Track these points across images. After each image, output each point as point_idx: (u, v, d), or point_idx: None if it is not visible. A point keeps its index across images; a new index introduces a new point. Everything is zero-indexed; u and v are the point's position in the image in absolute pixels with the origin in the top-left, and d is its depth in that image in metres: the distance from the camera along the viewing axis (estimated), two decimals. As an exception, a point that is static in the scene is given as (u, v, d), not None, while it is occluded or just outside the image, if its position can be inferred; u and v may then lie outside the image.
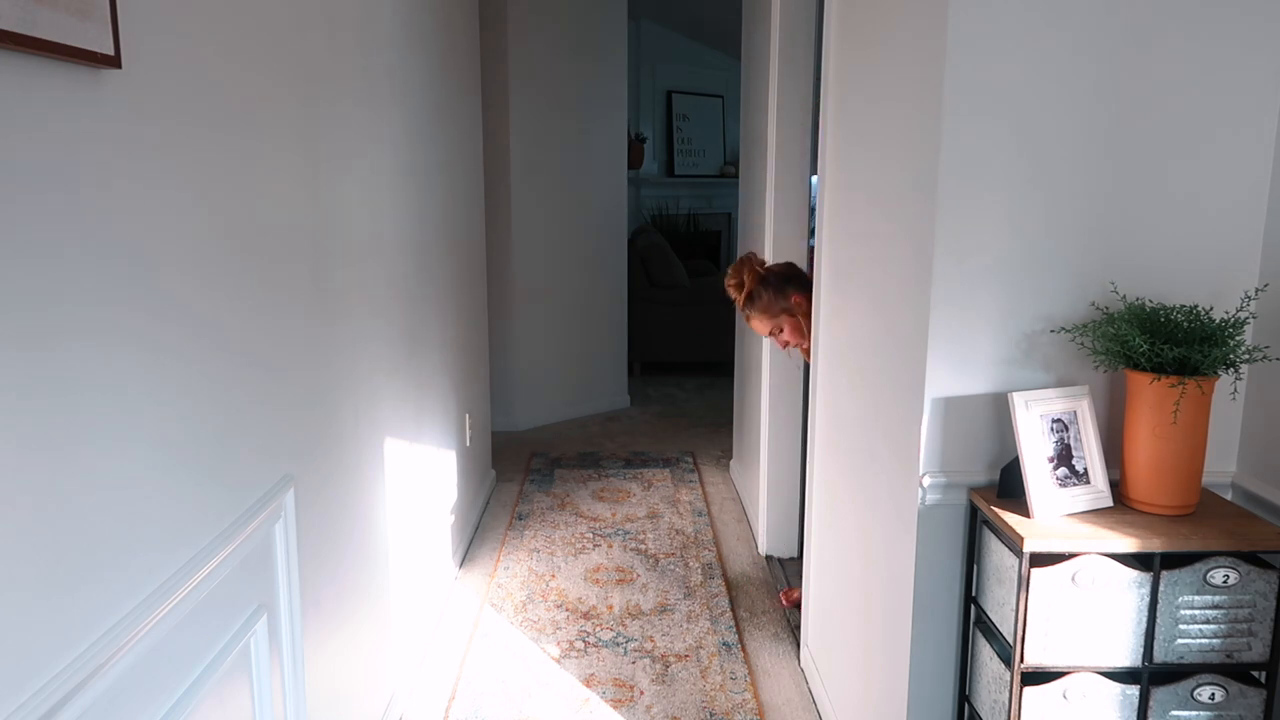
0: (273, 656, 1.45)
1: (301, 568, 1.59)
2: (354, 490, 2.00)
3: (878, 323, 1.92)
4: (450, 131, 3.19)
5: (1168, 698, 1.42)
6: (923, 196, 1.61)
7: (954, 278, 1.57)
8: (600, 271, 5.32)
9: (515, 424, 5.01)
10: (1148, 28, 1.51)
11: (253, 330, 1.40)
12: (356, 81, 2.02)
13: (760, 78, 3.43)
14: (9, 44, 0.80)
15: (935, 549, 1.66)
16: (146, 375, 1.07)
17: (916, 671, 1.71)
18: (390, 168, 2.33)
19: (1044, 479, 1.49)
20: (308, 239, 1.66)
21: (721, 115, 7.88)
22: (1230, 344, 1.43)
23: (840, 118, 2.25)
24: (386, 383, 2.28)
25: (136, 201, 1.05)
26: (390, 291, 2.32)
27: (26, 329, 0.86)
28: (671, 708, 2.43)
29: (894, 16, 1.80)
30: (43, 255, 0.88)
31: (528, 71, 4.75)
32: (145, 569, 1.07)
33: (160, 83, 1.10)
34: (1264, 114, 1.54)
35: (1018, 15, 1.49)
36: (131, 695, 1.03)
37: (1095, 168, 1.54)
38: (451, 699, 2.48)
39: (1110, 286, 1.57)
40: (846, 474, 2.19)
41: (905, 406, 1.71)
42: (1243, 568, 1.39)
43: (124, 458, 1.02)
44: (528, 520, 3.76)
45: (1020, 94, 1.52)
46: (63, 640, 0.91)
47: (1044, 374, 1.60)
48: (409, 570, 2.55)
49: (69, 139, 0.93)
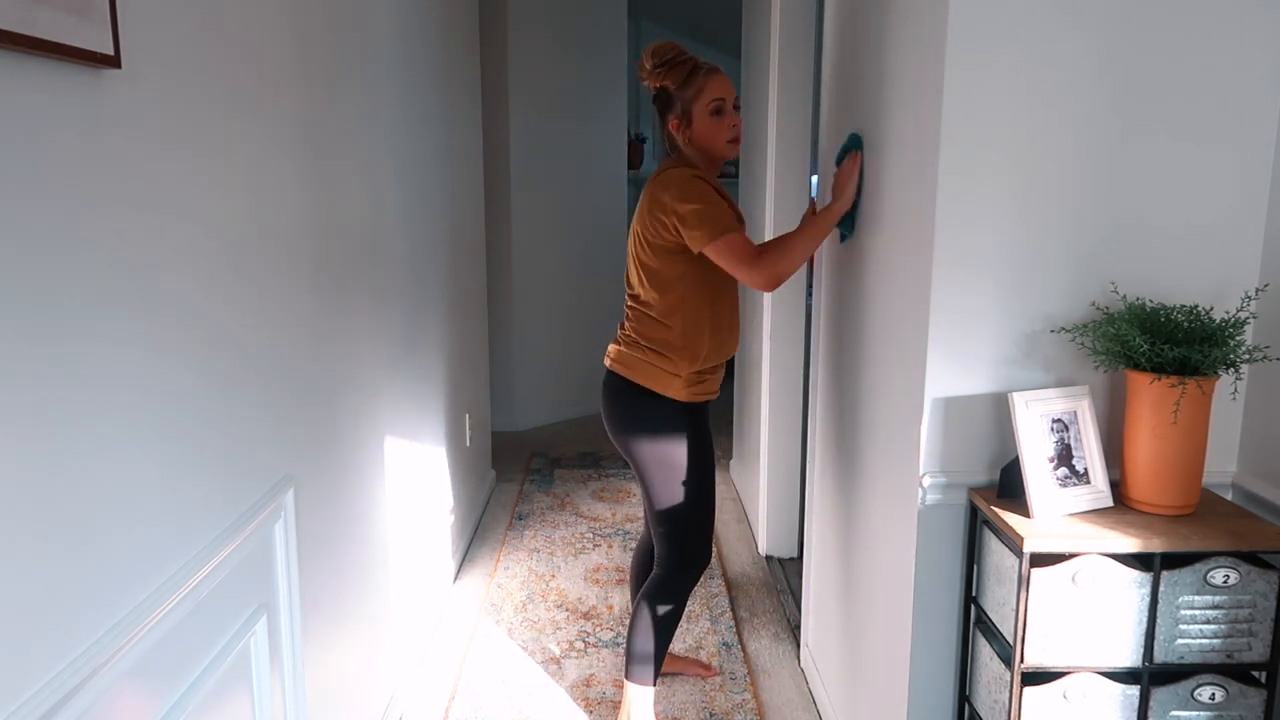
0: (272, 656, 1.45)
1: (301, 568, 1.59)
2: (354, 490, 2.00)
3: (878, 322, 1.92)
4: (450, 131, 3.20)
5: (1168, 698, 1.42)
6: (923, 196, 1.61)
7: (954, 277, 1.57)
8: (600, 271, 5.32)
9: (515, 424, 5.01)
10: (1148, 27, 1.50)
11: (253, 330, 1.40)
12: (357, 81, 2.02)
13: (760, 78, 3.43)
14: (9, 44, 0.80)
15: (935, 549, 1.66)
16: (146, 375, 1.07)
17: (916, 671, 1.71)
18: (390, 167, 2.33)
19: (1044, 479, 1.49)
20: (308, 238, 1.66)
21: (721, 115, 7.87)
22: (1230, 344, 1.43)
23: (840, 118, 2.25)
24: (387, 382, 2.28)
25: (137, 201, 1.05)
26: (390, 291, 2.32)
27: (26, 328, 0.86)
28: (671, 708, 2.43)
29: (894, 15, 1.80)
30: (43, 255, 0.88)
31: (528, 71, 4.75)
32: (145, 569, 1.07)
33: (160, 83, 1.10)
34: (1264, 114, 1.54)
35: (1018, 14, 1.49)
36: (131, 695, 1.03)
37: (1095, 167, 1.54)
38: (451, 699, 2.48)
39: (1110, 286, 1.57)
40: (847, 474, 2.19)
41: (905, 406, 1.71)
42: (1243, 568, 1.39)
43: (124, 458, 1.02)
44: (528, 520, 3.76)
45: (1020, 93, 1.52)
46: (63, 640, 0.91)
47: (1044, 374, 1.60)
48: (409, 570, 2.55)
49: (69, 139, 0.93)
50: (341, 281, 1.89)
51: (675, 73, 2.08)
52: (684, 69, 2.09)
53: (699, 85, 2.07)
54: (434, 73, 2.91)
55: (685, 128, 2.09)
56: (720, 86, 2.08)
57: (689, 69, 2.08)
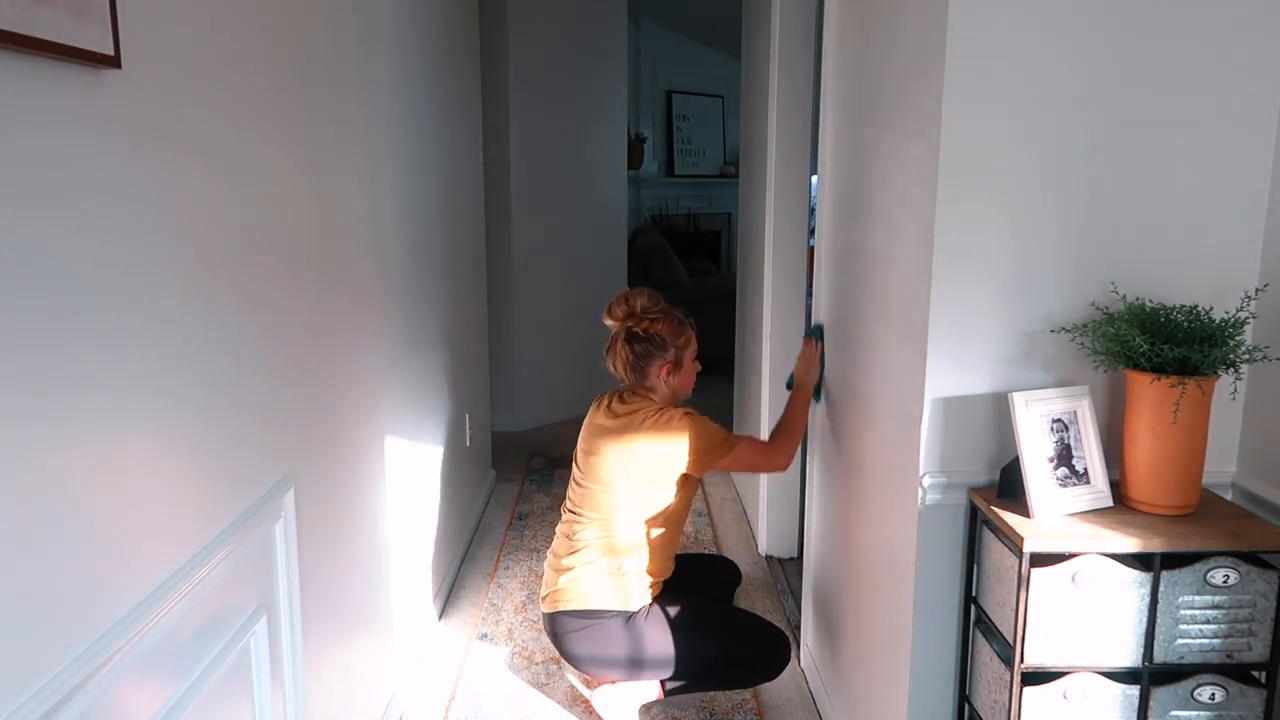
0: (273, 656, 1.45)
1: (301, 568, 1.59)
2: (354, 490, 2.00)
3: (878, 322, 1.92)
4: (451, 131, 3.20)
5: (1168, 698, 1.42)
6: (923, 196, 1.61)
7: (954, 278, 1.57)
8: (600, 271, 5.32)
9: (515, 424, 5.01)
10: (1148, 27, 1.50)
11: (253, 330, 1.40)
12: (357, 81, 2.02)
13: (760, 78, 3.43)
14: (9, 44, 0.80)
15: (935, 549, 1.66)
16: (146, 375, 1.07)
17: (916, 671, 1.71)
18: (391, 167, 2.33)
19: (1044, 479, 1.49)
20: (308, 238, 1.66)
21: (721, 115, 7.88)
22: (1230, 344, 1.43)
23: (840, 118, 2.25)
24: (387, 383, 2.28)
25: (136, 202, 1.05)
26: (390, 291, 2.32)
27: (26, 330, 0.86)
28: (671, 708, 2.43)
29: (894, 16, 1.80)
30: (43, 255, 0.88)
31: (528, 71, 4.75)
32: (145, 569, 1.07)
33: (160, 83, 1.10)
34: (1264, 114, 1.54)
35: (1018, 15, 1.49)
36: (131, 695, 1.03)
37: (1095, 167, 1.54)
38: (451, 699, 2.48)
39: (1110, 286, 1.57)
40: (847, 474, 2.19)
41: (905, 406, 1.71)
42: (1243, 568, 1.39)
43: (124, 459, 1.02)
44: (528, 520, 3.75)
45: (1020, 93, 1.52)
46: (63, 640, 0.91)
47: (1044, 374, 1.60)
48: (409, 570, 2.55)
49: (69, 139, 0.93)
50: (342, 281, 1.89)
51: (669, 322, 2.26)
52: (674, 319, 2.28)
53: (688, 336, 2.30)
54: (434, 72, 2.91)
55: (674, 372, 2.28)
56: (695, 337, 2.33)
57: (678, 319, 2.29)
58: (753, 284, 3.69)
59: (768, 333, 3.31)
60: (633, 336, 2.25)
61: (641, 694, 2.29)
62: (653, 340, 2.24)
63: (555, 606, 2.23)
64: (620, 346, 2.27)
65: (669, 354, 2.26)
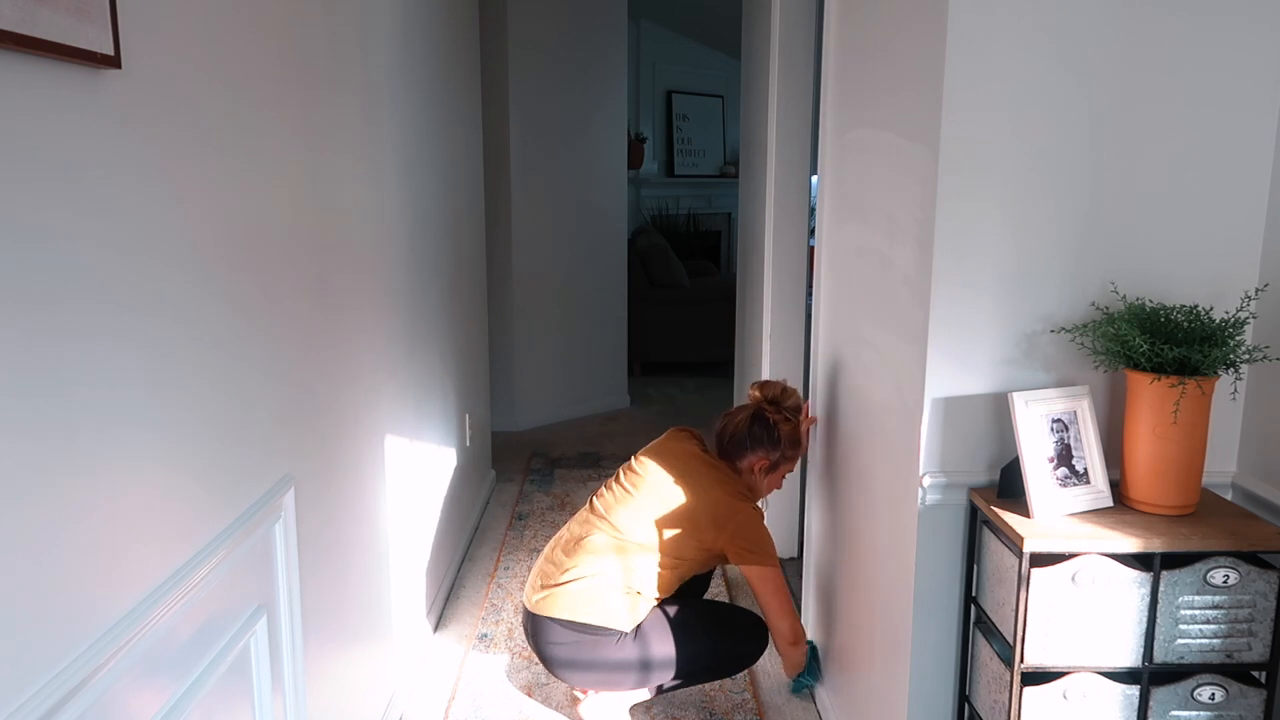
0: (273, 656, 1.45)
1: (301, 568, 1.59)
2: (354, 490, 2.00)
3: (878, 322, 1.92)
4: (450, 131, 3.20)
5: (1168, 698, 1.42)
6: (923, 196, 1.61)
7: (954, 277, 1.57)
8: (600, 271, 5.31)
9: (515, 424, 5.01)
10: (1149, 27, 1.50)
11: (253, 330, 1.40)
12: (357, 81, 2.02)
13: (760, 78, 3.43)
14: (9, 44, 0.80)
15: (935, 549, 1.66)
16: (146, 375, 1.07)
17: (917, 671, 1.71)
18: (391, 167, 2.33)
19: (1044, 479, 1.49)
20: (308, 238, 1.66)
21: (721, 115, 7.88)
22: (1230, 344, 1.43)
23: (840, 118, 2.25)
24: (387, 382, 2.28)
25: (136, 201, 1.05)
26: (390, 291, 2.32)
27: (26, 327, 0.86)
28: (671, 708, 2.43)
29: (894, 15, 1.80)
30: (43, 255, 0.88)
31: (528, 71, 4.75)
32: (145, 569, 1.07)
33: (160, 83, 1.10)
34: (1264, 113, 1.54)
35: (1018, 14, 1.49)
36: (131, 695, 1.03)
37: (1095, 167, 1.54)
38: (451, 699, 2.48)
39: (1110, 286, 1.57)
40: (846, 474, 2.19)
41: (905, 406, 1.71)
42: (1243, 568, 1.39)
43: (124, 458, 1.02)
44: (528, 520, 3.75)
45: (1020, 93, 1.52)
46: (63, 640, 0.91)
47: (1044, 374, 1.60)
48: (409, 570, 2.55)
49: (69, 139, 0.93)
50: (342, 281, 1.89)
51: (794, 432, 2.34)
52: (799, 435, 2.35)
53: (795, 456, 2.36)
54: (434, 72, 2.91)
55: (766, 471, 2.33)
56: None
57: (799, 439, 2.36)
58: (753, 284, 3.69)
59: (768, 333, 3.31)
60: (760, 417, 2.30)
61: (632, 694, 2.30)
62: (772, 433, 2.30)
63: (549, 611, 2.20)
64: (743, 416, 2.33)
65: (775, 454, 2.31)
